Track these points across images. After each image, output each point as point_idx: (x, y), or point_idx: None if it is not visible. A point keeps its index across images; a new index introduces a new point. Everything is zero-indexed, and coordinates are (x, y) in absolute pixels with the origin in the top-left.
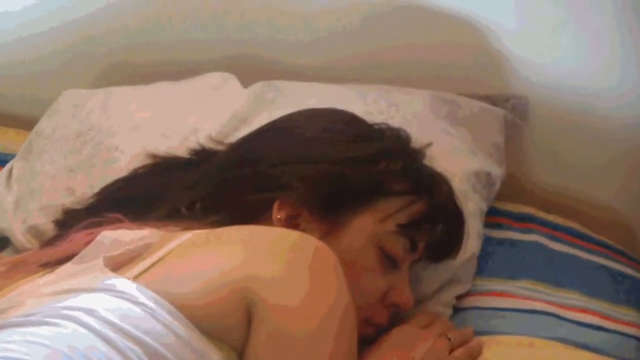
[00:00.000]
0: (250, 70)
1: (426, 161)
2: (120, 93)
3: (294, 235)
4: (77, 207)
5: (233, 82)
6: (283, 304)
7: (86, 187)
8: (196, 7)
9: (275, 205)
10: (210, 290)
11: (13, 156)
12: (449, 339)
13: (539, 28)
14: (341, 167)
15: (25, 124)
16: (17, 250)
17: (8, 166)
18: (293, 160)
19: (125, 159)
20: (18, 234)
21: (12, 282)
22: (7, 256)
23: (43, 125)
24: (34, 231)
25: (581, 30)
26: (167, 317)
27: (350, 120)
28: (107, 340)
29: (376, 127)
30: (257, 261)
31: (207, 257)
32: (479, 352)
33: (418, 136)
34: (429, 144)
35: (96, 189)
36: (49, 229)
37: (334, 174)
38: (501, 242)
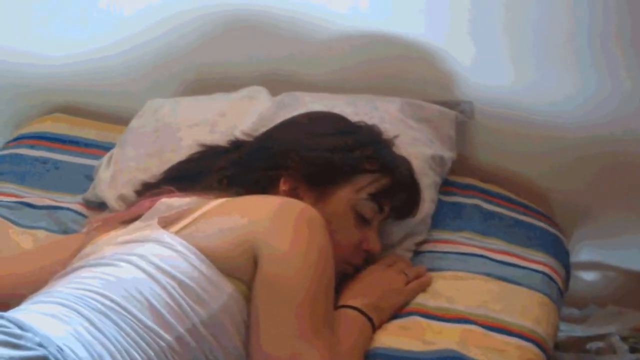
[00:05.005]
0: (278, 84)
1: (395, 148)
2: (186, 101)
3: (291, 201)
4: (151, 181)
5: (264, 93)
6: (278, 254)
7: (158, 167)
8: (243, 42)
9: (282, 180)
10: (228, 241)
11: (114, 145)
12: (407, 275)
13: (485, 54)
14: (329, 153)
15: (126, 122)
16: (112, 212)
17: (110, 152)
18: (295, 148)
19: (186, 147)
20: (112, 200)
21: (101, 233)
22: (104, 215)
23: (133, 123)
24: (122, 198)
25: (517, 56)
26: (196, 260)
27: (337, 120)
28: (152, 277)
29: (356, 124)
30: (261, 221)
31: (227, 217)
32: (428, 284)
33: (390, 130)
34: (396, 136)
35: (164, 169)
36: (132, 196)
37: (323, 158)
38: (450, 204)
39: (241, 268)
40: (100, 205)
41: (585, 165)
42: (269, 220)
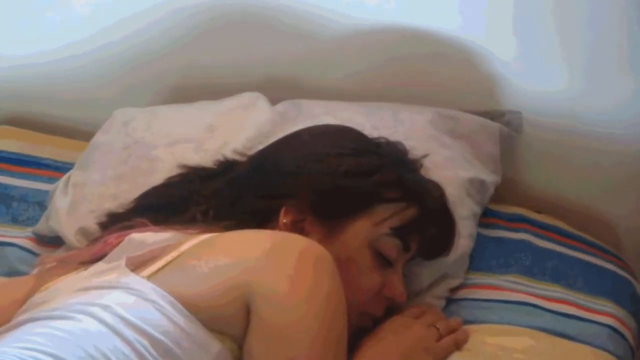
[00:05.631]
0: (281, 92)
1: (423, 170)
2: (163, 111)
3: (291, 236)
4: (119, 211)
5: (262, 101)
6: (276, 300)
7: (128, 193)
8: (235, 40)
9: (282, 212)
10: (213, 287)
11: (73, 165)
12: (438, 329)
13: (531, 54)
14: (341, 178)
15: (88, 138)
16: (69, 249)
17: (68, 174)
18: (299, 171)
19: (163, 169)
20: (70, 234)
21: (56, 276)
22: (60, 253)
23: (97, 139)
24: (83, 232)
25: (568, 56)
26: (173, 312)
27: (352, 136)
28: (117, 333)
29: (376, 141)
30: (255, 263)
31: (213, 258)
32: (465, 340)
33: (418, 148)
34: (425, 155)
35: (136, 196)
36: (95, 230)
37: (334, 184)
38: (493, 240)
39: (230, 320)
40: (55, 241)
41: None
42: (264, 257)
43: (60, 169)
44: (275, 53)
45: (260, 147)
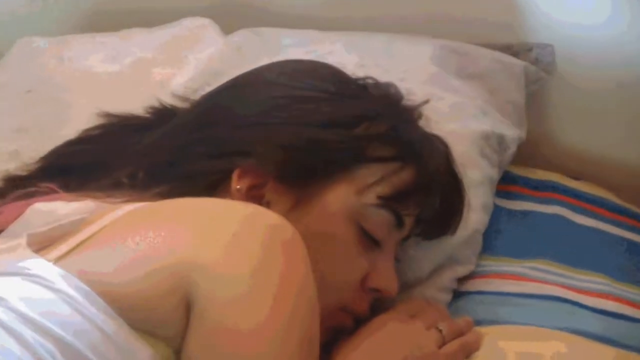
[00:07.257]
0: (236, 17)
1: (422, 121)
2: (79, 41)
3: (243, 209)
4: (21, 173)
5: (211, 29)
6: (225, 294)
7: (33, 150)
8: None
9: (235, 174)
10: (143, 277)
11: None
12: (440, 331)
13: None
14: (314, 130)
15: None
16: None
17: None
18: (259, 121)
19: (79, 118)
20: None
21: None
22: None
23: None
24: None
25: None
26: (91, 308)
27: (330, 75)
28: (16, 336)
29: (360, 82)
30: (198, 243)
31: (142, 237)
32: (476, 346)
33: (416, 92)
34: (426, 102)
35: (44, 153)
36: None
37: (304, 138)
38: (515, 214)
39: (164, 317)
40: None
41: None
42: (222, 246)
43: None
44: None
45: (208, 89)
